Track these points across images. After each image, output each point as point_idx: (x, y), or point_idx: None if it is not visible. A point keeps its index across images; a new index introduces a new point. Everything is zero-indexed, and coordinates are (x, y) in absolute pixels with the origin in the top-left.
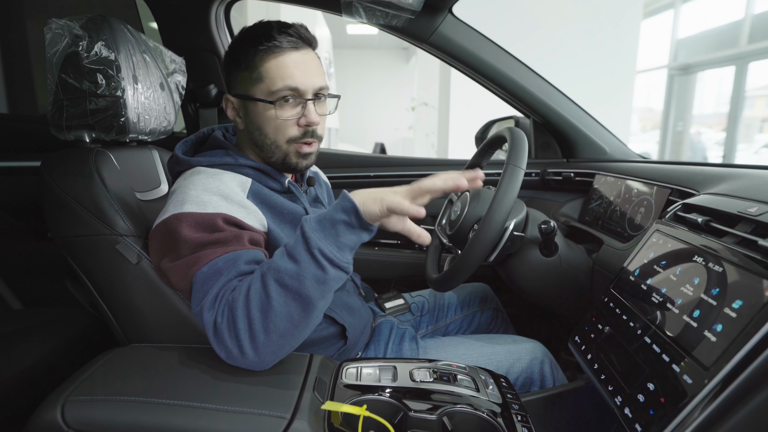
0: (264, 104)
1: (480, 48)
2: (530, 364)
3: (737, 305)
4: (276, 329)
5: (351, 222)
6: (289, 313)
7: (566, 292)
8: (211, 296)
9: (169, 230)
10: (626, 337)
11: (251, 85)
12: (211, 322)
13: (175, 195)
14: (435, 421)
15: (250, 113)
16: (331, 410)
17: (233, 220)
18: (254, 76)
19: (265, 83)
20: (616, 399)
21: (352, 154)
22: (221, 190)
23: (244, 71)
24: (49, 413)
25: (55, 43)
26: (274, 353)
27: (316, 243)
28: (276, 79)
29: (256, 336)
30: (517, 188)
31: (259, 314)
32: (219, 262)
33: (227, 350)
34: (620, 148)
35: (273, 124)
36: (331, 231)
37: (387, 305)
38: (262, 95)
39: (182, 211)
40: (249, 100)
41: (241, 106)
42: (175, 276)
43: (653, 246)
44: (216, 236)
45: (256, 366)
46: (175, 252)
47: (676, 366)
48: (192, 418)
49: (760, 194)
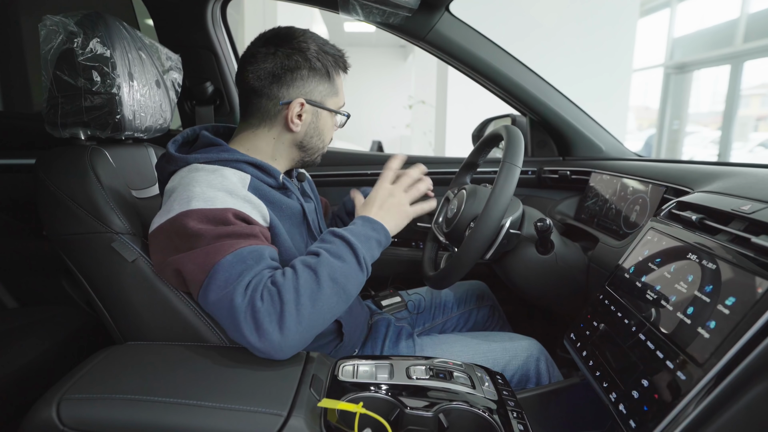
0: (332, 115)
1: (477, 46)
2: (526, 361)
3: (730, 302)
4: (317, 317)
5: (380, 240)
6: (332, 306)
7: (562, 289)
8: (244, 283)
9: (177, 227)
10: (621, 334)
11: (328, 97)
12: (244, 306)
13: (178, 193)
14: (431, 418)
15: (318, 119)
16: (327, 407)
17: (242, 215)
18: (334, 90)
19: (339, 98)
20: (610, 395)
21: (349, 151)
22: (225, 185)
23: (325, 82)
24: (44, 411)
25: (50, 39)
26: (305, 341)
27: (362, 251)
28: (342, 98)
29: (302, 320)
30: (513, 186)
31: (309, 301)
32: (244, 252)
33: (263, 331)
34: (616, 147)
35: (331, 131)
36: (366, 243)
37: (384, 303)
38: (335, 107)
39: (190, 208)
40: (325, 110)
41: (311, 112)
42: (190, 266)
43: (648, 243)
44: (231, 229)
45: (284, 350)
46: (188, 245)
47: (670, 362)
48: (188, 416)
49: (753, 192)
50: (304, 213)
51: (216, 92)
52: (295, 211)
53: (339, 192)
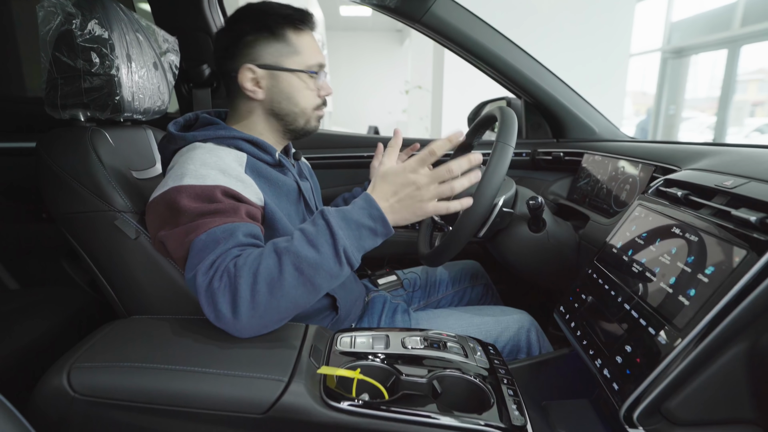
0: (297, 74)
1: (472, 28)
2: (517, 332)
3: (710, 271)
4: (277, 306)
5: (376, 230)
6: (295, 296)
7: (553, 266)
8: (208, 262)
9: (167, 202)
10: (607, 305)
11: (286, 57)
12: (204, 285)
13: (174, 170)
14: (425, 384)
15: (279, 83)
16: (326, 374)
17: (231, 193)
18: (291, 50)
19: (302, 57)
20: (596, 362)
21: (346, 134)
22: (219, 164)
23: (275, 42)
24: (55, 379)
25: (48, 21)
26: (264, 326)
27: (343, 241)
28: (311, 54)
29: (257, 306)
30: (506, 165)
31: (266, 288)
32: (217, 231)
33: (218, 312)
34: (609, 128)
35: (305, 93)
36: (355, 233)
37: (380, 281)
38: (298, 67)
39: (181, 184)
40: (282, 71)
41: (267, 77)
42: (172, 243)
43: (636, 220)
44: (214, 206)
45: (241, 332)
46: (174, 221)
47: (653, 329)
48: (194, 382)
49: (736, 169)
50: (300, 191)
51: (213, 75)
52: (291, 189)
53: (334, 175)
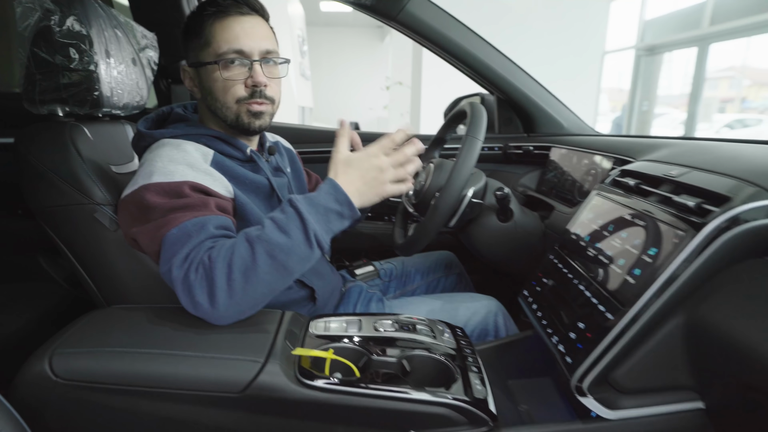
0: (212, 66)
1: (447, 27)
2: (485, 317)
3: (653, 252)
4: (253, 292)
5: (343, 213)
6: (270, 282)
7: (521, 254)
8: (182, 255)
9: (137, 200)
10: (565, 287)
11: (201, 51)
12: (180, 278)
13: (143, 168)
14: (395, 363)
15: (202, 79)
16: (301, 355)
17: (199, 187)
18: (203, 42)
19: (213, 47)
20: (552, 339)
21: (325, 129)
22: (186, 159)
23: (195, 39)
24: (37, 365)
25: (27, 17)
26: (241, 312)
27: (313, 225)
28: (221, 42)
29: (234, 294)
30: (474, 158)
31: (241, 276)
32: (188, 225)
33: (196, 303)
34: (576, 123)
35: (220, 85)
36: (323, 217)
37: (357, 272)
38: (209, 59)
39: (150, 182)
40: (200, 66)
41: (195, 75)
42: (144, 239)
43: (593, 208)
44: (184, 201)
45: (219, 320)
46: (145, 218)
47: (602, 306)
48: (174, 365)
49: (683, 159)
50: (272, 188)
51: None
52: (260, 185)
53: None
